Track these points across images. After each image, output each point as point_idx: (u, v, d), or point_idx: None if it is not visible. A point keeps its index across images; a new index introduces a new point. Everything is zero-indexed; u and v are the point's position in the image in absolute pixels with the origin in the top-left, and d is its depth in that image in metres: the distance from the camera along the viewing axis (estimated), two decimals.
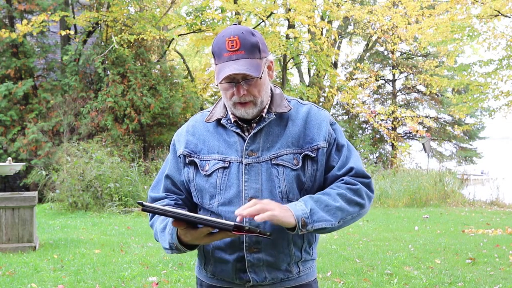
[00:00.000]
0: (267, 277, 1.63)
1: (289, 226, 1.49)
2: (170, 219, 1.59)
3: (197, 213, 1.71)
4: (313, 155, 1.62)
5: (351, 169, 1.65)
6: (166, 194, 1.74)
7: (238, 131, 1.64)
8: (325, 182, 1.67)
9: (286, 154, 1.61)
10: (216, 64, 1.60)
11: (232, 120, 1.66)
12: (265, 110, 1.65)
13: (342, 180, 1.64)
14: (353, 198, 1.60)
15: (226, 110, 1.69)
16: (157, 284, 4.76)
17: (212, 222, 1.42)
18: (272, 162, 1.61)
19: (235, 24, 1.63)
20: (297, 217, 1.49)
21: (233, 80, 1.57)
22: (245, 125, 1.66)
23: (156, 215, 1.72)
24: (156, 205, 1.51)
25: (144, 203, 1.44)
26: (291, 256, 1.63)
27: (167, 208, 1.45)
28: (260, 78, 1.58)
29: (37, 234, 7.27)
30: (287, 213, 1.48)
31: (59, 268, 5.41)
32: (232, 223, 1.39)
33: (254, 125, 1.65)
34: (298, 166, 1.61)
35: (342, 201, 1.58)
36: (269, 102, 1.67)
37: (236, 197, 1.60)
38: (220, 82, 1.57)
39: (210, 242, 1.54)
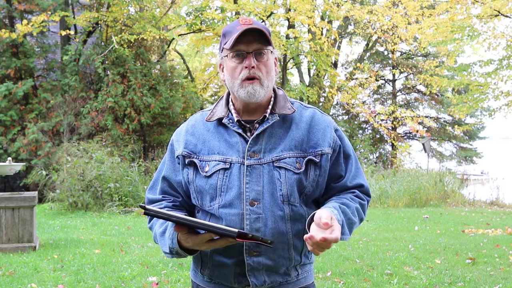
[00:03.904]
0: (266, 281, 1.61)
1: None
2: (170, 223, 1.57)
3: (195, 215, 1.69)
4: (316, 160, 1.60)
5: (362, 185, 1.68)
6: (163, 196, 1.71)
7: (240, 131, 1.61)
8: (331, 190, 1.66)
9: (289, 157, 1.59)
10: (226, 43, 1.60)
11: (235, 119, 1.63)
12: (268, 111, 1.62)
13: (354, 193, 1.66)
14: (361, 214, 1.66)
15: (228, 109, 1.66)
16: (157, 284, 4.76)
17: (215, 228, 1.40)
18: (275, 164, 1.58)
19: None
20: None
21: (245, 50, 1.57)
22: (248, 125, 1.63)
23: (155, 218, 1.69)
24: (159, 209, 1.47)
25: (147, 206, 1.42)
26: (290, 260, 1.62)
27: (170, 212, 1.43)
28: (272, 52, 1.61)
29: (37, 234, 7.27)
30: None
31: (59, 268, 5.41)
32: (236, 230, 1.37)
33: (257, 125, 1.62)
34: (301, 170, 1.58)
35: (358, 217, 1.63)
36: (272, 103, 1.65)
37: (237, 199, 1.56)
38: (232, 49, 1.57)
39: (211, 248, 1.52)
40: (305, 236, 1.39)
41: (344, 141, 1.68)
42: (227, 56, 1.60)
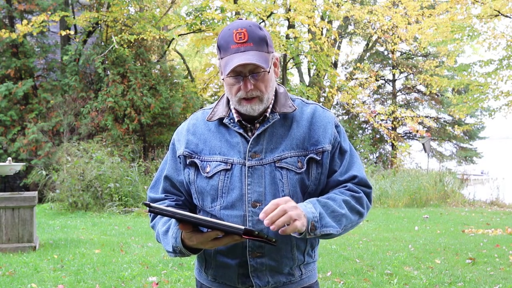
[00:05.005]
0: (270, 281, 1.60)
1: (302, 231, 1.44)
2: (173, 222, 1.56)
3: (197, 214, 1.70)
4: (318, 158, 1.58)
5: (355, 177, 1.62)
6: (165, 195, 1.70)
7: (241, 131, 1.59)
8: (326, 186, 1.63)
9: (290, 157, 1.57)
10: (221, 58, 1.54)
11: (236, 120, 1.60)
12: (269, 110, 1.60)
13: (346, 186, 1.61)
14: (356, 206, 1.59)
15: (229, 108, 1.63)
16: (157, 284, 4.76)
17: (221, 226, 1.38)
18: (276, 164, 1.56)
19: (241, 19, 1.58)
20: (307, 220, 1.45)
21: (240, 74, 1.52)
22: (249, 125, 1.60)
23: (158, 217, 1.68)
24: (163, 206, 1.46)
25: (151, 204, 1.41)
26: (294, 260, 1.61)
27: (175, 210, 1.41)
28: (268, 72, 1.54)
29: (37, 234, 7.27)
30: (303, 219, 1.43)
31: (59, 268, 5.41)
32: (242, 227, 1.36)
33: (258, 125, 1.60)
34: (303, 169, 1.56)
35: (347, 208, 1.56)
36: (273, 101, 1.62)
37: (238, 200, 1.55)
38: (228, 75, 1.51)
39: (216, 247, 1.50)
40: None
41: (343, 137, 1.65)
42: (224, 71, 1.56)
